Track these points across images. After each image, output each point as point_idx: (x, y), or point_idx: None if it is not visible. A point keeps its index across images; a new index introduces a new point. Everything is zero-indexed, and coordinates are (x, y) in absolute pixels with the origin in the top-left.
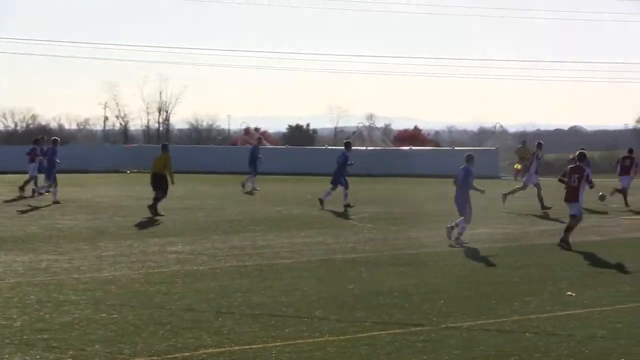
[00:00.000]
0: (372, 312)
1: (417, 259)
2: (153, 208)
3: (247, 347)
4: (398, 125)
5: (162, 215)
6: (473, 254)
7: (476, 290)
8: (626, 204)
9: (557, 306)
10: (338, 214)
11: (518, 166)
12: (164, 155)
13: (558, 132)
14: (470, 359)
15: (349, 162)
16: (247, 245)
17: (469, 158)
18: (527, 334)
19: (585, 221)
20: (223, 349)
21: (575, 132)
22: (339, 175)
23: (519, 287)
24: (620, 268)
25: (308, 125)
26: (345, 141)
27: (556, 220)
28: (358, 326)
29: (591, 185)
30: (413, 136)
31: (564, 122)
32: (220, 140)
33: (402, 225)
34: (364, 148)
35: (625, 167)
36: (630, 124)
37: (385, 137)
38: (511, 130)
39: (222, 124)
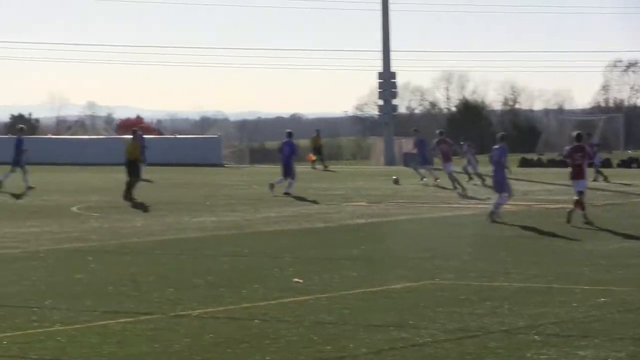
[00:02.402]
0: (101, 301)
1: (145, 247)
2: (128, 193)
3: None
4: (120, 114)
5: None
6: (200, 242)
7: (204, 278)
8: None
9: (284, 293)
10: (62, 204)
11: (312, 156)
12: (134, 142)
13: (279, 120)
14: (201, 346)
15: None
16: None
17: (503, 137)
18: (256, 320)
19: (310, 208)
20: None
21: (296, 120)
22: None
23: (247, 275)
24: (345, 254)
25: (30, 114)
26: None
27: (283, 206)
28: (88, 315)
29: None
30: (135, 125)
31: (284, 109)
32: None
33: (128, 214)
34: (87, 137)
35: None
36: (350, 111)
37: (108, 126)
38: (232, 118)
39: None
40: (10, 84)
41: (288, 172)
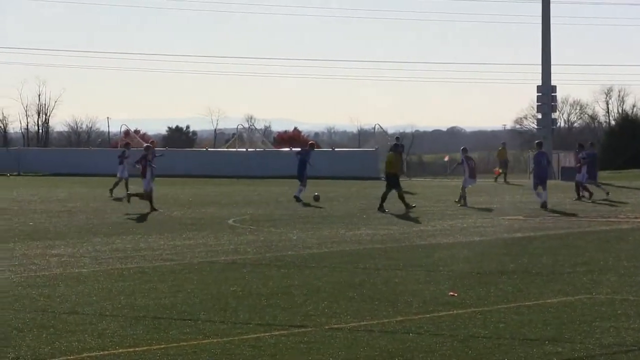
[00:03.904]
0: (255, 313)
1: (299, 260)
2: (404, 203)
3: (131, 349)
4: (278, 127)
5: (414, 206)
6: (355, 255)
7: (359, 291)
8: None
9: (439, 306)
10: (218, 216)
11: (498, 170)
12: (396, 155)
13: (436, 133)
14: (354, 359)
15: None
16: (129, 247)
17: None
18: (410, 334)
19: (465, 221)
20: (107, 352)
21: (454, 133)
22: None
23: (401, 288)
24: (501, 268)
25: (188, 127)
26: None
27: (438, 220)
28: (242, 328)
29: None
30: (293, 137)
31: (442, 123)
32: (100, 142)
33: (283, 227)
34: (245, 150)
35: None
36: (509, 124)
37: (266, 139)
38: (390, 131)
39: (102, 126)
40: (170, 97)
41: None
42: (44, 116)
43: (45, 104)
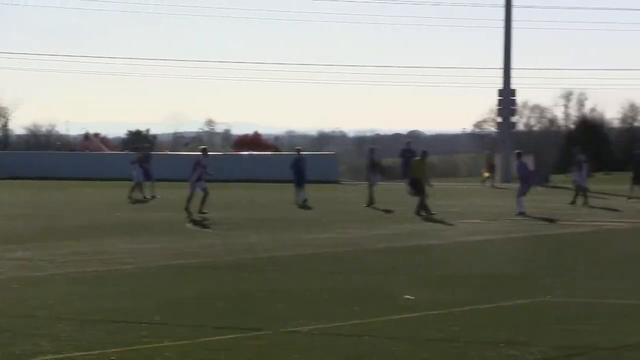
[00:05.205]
0: (211, 316)
1: (257, 264)
2: (418, 208)
3: (86, 353)
4: (238, 131)
5: (434, 213)
6: (312, 259)
7: (316, 295)
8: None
9: (395, 309)
10: (176, 220)
11: (486, 174)
12: (421, 161)
13: (397, 137)
14: None
15: None
16: (86, 251)
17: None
18: (366, 337)
19: (424, 225)
20: (62, 355)
21: (414, 137)
22: None
23: (358, 292)
24: (456, 272)
25: (148, 130)
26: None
27: (399, 224)
28: (198, 331)
29: None
30: (253, 141)
31: (402, 126)
32: (60, 146)
33: (242, 231)
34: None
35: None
36: (469, 128)
37: (225, 143)
38: (351, 135)
39: (61, 129)
40: (130, 101)
41: None
42: (3, 119)
43: (4, 107)
